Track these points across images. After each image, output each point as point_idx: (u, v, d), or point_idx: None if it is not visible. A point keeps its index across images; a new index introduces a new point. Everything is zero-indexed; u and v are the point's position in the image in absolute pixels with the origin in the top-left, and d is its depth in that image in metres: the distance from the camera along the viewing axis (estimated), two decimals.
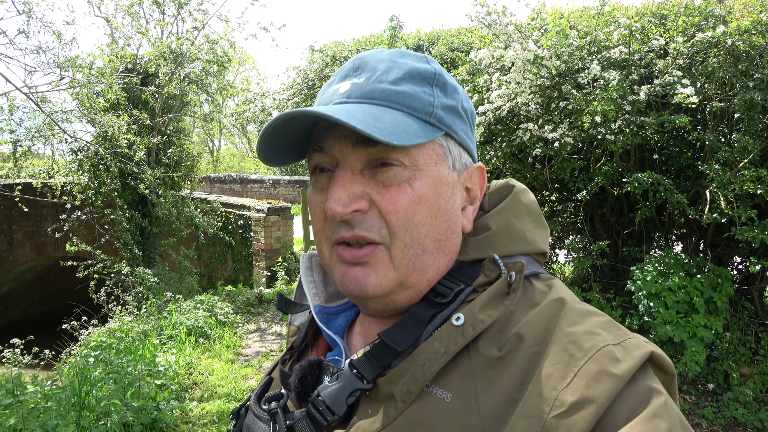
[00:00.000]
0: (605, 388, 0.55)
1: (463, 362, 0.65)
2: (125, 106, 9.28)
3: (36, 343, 6.61)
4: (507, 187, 0.84)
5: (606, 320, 0.65)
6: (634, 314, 5.75)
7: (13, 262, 12.65)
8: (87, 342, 6.73)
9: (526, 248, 0.78)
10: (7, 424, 3.70)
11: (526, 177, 6.29)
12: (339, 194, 0.68)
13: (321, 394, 0.68)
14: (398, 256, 0.70)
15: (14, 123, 8.69)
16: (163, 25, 10.16)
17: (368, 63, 0.74)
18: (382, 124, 0.64)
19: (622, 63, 5.37)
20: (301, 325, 0.92)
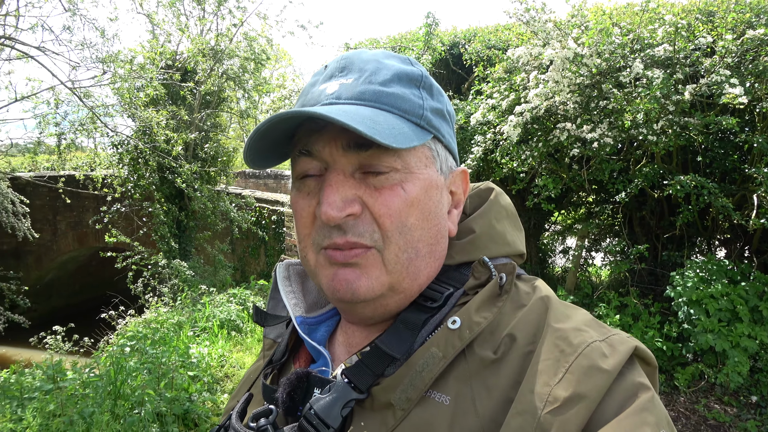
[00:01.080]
0: (596, 384, 0.57)
1: (460, 365, 0.64)
2: (164, 101, 9.48)
3: (76, 331, 6.84)
4: (487, 190, 0.85)
5: (589, 318, 0.67)
6: (673, 321, 5.57)
7: (57, 251, 13.09)
8: (124, 332, 6.91)
9: (508, 250, 0.78)
10: (47, 409, 3.82)
11: (563, 177, 6.15)
12: (333, 198, 0.66)
13: (314, 407, 0.65)
14: (392, 260, 0.68)
15: (59, 116, 8.99)
16: (203, 23, 10.34)
17: (354, 63, 0.72)
18: (379, 126, 0.63)
19: (666, 61, 5.19)
20: (277, 338, 0.88)
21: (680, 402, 5.17)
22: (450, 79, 8.88)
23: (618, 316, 5.77)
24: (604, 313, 5.88)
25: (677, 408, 5.07)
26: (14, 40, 7.03)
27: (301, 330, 0.78)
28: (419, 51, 7.85)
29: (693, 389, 5.30)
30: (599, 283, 8.08)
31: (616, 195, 5.69)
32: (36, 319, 9.79)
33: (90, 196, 10.89)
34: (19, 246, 12.51)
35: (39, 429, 3.60)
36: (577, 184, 6.28)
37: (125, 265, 9.21)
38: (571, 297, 6.45)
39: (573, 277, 7.22)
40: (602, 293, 6.71)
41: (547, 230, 9.09)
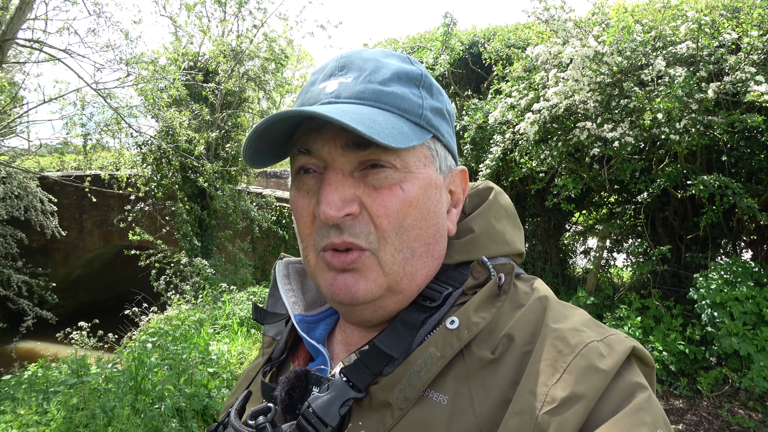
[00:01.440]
0: (594, 384, 0.57)
1: (458, 365, 0.64)
2: (187, 102, 9.62)
3: (101, 327, 6.99)
4: (486, 189, 0.84)
5: (587, 318, 0.67)
6: (696, 324, 5.46)
7: (83, 249, 13.38)
8: (146, 328, 7.03)
9: (507, 249, 0.78)
10: (71, 403, 3.92)
11: (583, 177, 6.08)
12: (332, 197, 0.66)
13: (312, 405, 0.65)
14: (388, 260, 0.68)
15: (85, 117, 9.19)
16: (224, 24, 10.47)
17: (354, 62, 0.72)
18: (379, 126, 0.63)
19: (689, 59, 5.09)
20: (276, 336, 0.89)
21: (703, 406, 5.07)
22: (469, 78, 8.84)
23: (639, 318, 5.69)
24: (625, 315, 5.80)
25: (699, 412, 4.98)
26: (42, 44, 7.20)
27: (300, 328, 0.79)
28: (437, 51, 7.83)
29: (716, 393, 5.20)
30: (621, 285, 7.96)
31: (638, 195, 5.61)
32: (63, 314, 10.05)
33: (115, 195, 11.11)
34: (48, 243, 12.82)
35: (62, 422, 3.69)
36: (598, 184, 6.20)
37: (148, 263, 9.38)
38: (592, 299, 6.37)
39: (594, 279, 7.13)
40: (623, 295, 6.62)
41: (567, 231, 8.99)
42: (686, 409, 5.06)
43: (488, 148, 6.67)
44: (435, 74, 7.69)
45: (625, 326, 5.61)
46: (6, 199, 10.63)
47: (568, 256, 8.78)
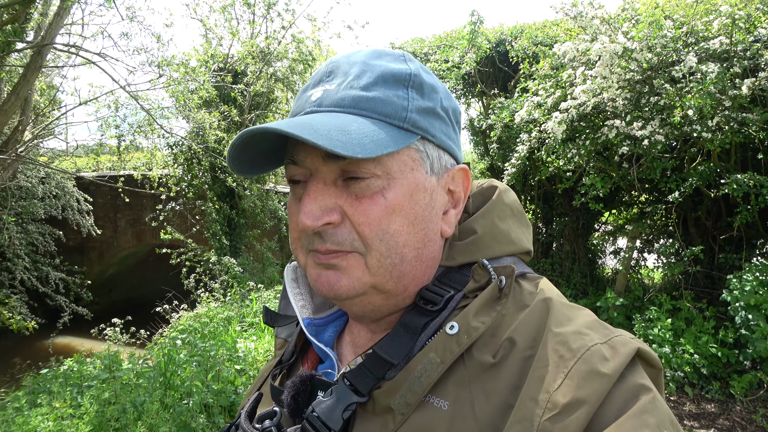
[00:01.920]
0: (596, 388, 0.56)
1: (459, 369, 0.64)
2: (216, 103, 9.79)
3: (134, 323, 7.18)
4: (490, 188, 0.82)
5: (592, 319, 0.66)
6: (729, 327, 5.31)
7: (117, 247, 13.74)
8: (176, 325, 7.19)
9: (512, 249, 0.77)
10: (102, 397, 4.04)
11: (612, 176, 5.97)
12: (310, 207, 0.67)
13: (316, 410, 0.66)
14: (374, 264, 0.68)
15: (119, 119, 9.45)
16: (253, 26, 10.61)
17: (340, 67, 0.71)
18: (348, 137, 0.62)
19: (722, 54, 4.95)
20: (288, 338, 0.90)
21: (736, 411, 4.93)
22: (496, 76, 8.77)
23: (670, 320, 5.56)
24: (655, 316, 5.67)
25: (732, 417, 4.85)
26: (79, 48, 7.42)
27: (309, 332, 0.80)
28: (464, 49, 7.79)
29: (750, 398, 5.05)
30: (651, 286, 7.79)
31: (670, 194, 5.48)
32: (98, 311, 10.32)
33: (147, 195, 11.38)
34: (84, 242, 13.21)
35: (95, 415, 3.81)
36: (627, 183, 6.08)
37: (179, 261, 9.58)
38: (621, 300, 6.25)
39: (623, 279, 7.00)
40: (654, 296, 6.48)
41: (596, 230, 8.84)
42: (718, 414, 4.93)
43: (514, 147, 6.61)
44: (461, 73, 7.66)
45: (655, 328, 5.49)
46: (45, 199, 11.00)
47: (597, 257, 8.63)
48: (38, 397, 4.26)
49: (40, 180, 10.94)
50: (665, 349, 5.23)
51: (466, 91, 9.28)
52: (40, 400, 4.13)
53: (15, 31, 6.79)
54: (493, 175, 9.08)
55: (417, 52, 8.87)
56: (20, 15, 6.48)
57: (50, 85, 10.48)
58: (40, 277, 10.64)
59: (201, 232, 10.42)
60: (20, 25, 6.96)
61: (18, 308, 9.04)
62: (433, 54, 8.54)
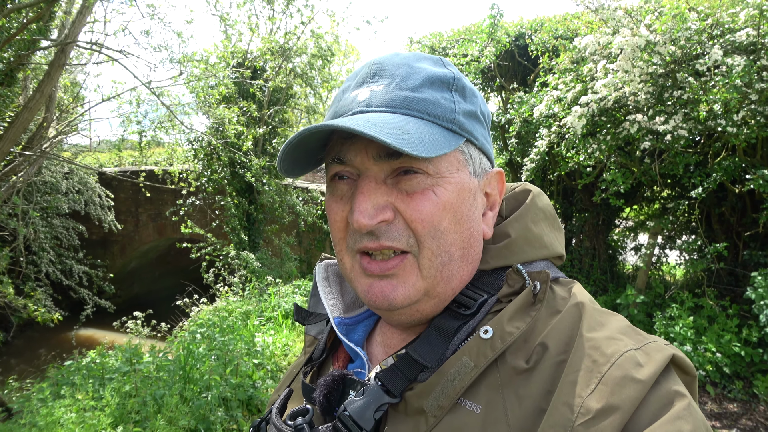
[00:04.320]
0: (630, 394, 0.56)
1: (492, 373, 0.64)
2: (235, 98, 9.85)
3: (155, 317, 7.29)
4: (524, 192, 0.83)
5: (625, 325, 0.66)
6: (753, 325, 5.21)
7: (139, 241, 13.97)
8: (196, 319, 7.28)
9: (545, 253, 0.77)
10: (123, 389, 4.12)
11: (633, 172, 5.87)
12: (365, 205, 0.67)
13: (348, 409, 0.67)
14: (426, 264, 0.68)
15: (140, 115, 9.56)
16: (273, 21, 10.64)
17: (386, 69, 0.72)
18: (409, 136, 0.62)
19: (749, 47, 4.83)
20: (317, 335, 0.90)
21: (759, 411, 4.84)
22: (515, 70, 8.68)
23: (691, 317, 5.46)
24: (677, 314, 5.58)
25: (756, 417, 4.75)
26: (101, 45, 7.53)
27: (339, 331, 0.80)
28: (483, 43, 7.72)
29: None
30: (673, 283, 7.67)
31: (693, 190, 5.37)
32: (120, 304, 10.51)
33: (168, 190, 11.51)
34: (106, 236, 13.44)
35: (116, 407, 3.88)
36: (649, 179, 5.98)
37: (199, 256, 9.69)
38: (642, 297, 6.16)
39: (644, 276, 6.89)
40: (675, 293, 6.37)
41: (617, 226, 8.72)
42: (741, 414, 4.84)
43: (533, 142, 6.54)
44: (480, 66, 7.59)
45: (677, 326, 5.40)
46: (68, 194, 11.20)
47: (617, 253, 8.51)
48: (62, 389, 4.36)
49: (64, 175, 11.14)
50: (687, 348, 5.14)
51: (485, 86, 9.20)
52: (63, 392, 4.23)
53: (40, 30, 6.91)
54: (512, 170, 9.01)
55: (435, 47, 8.81)
56: (44, 13, 6.60)
57: (74, 82, 10.65)
58: (64, 270, 10.85)
59: (220, 226, 10.52)
60: (45, 24, 7.08)
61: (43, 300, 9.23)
62: (452, 48, 8.48)
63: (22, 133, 6.50)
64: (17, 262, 9.04)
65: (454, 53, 8.12)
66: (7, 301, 7.92)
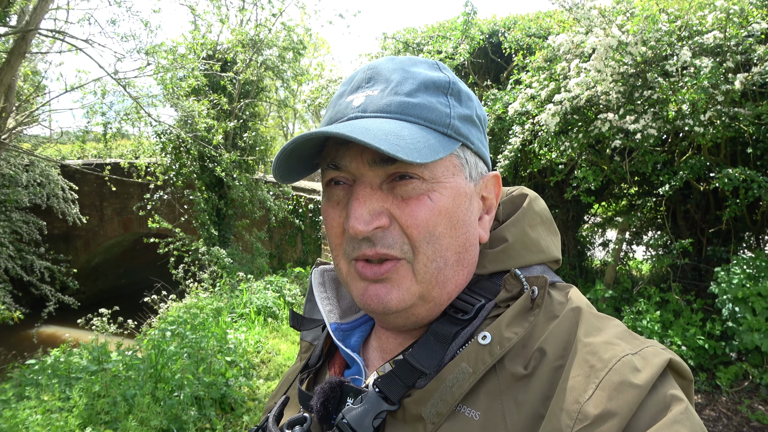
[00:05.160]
0: (628, 400, 0.56)
1: (490, 380, 0.64)
2: (205, 91, 9.66)
3: (121, 313, 7.11)
4: (520, 196, 0.83)
5: (622, 329, 0.66)
6: (716, 319, 5.39)
7: (104, 236, 13.60)
8: (165, 316, 7.13)
9: (542, 257, 0.77)
10: (92, 390, 4.00)
11: (604, 169, 5.99)
12: (360, 211, 0.66)
13: (346, 417, 0.66)
14: (421, 270, 0.68)
15: (105, 106, 9.29)
16: (243, 13, 10.46)
17: (381, 73, 0.72)
18: (404, 141, 0.62)
19: (716, 49, 4.97)
20: (313, 341, 0.90)
21: (722, 402, 5.01)
22: (489, 68, 8.74)
23: (658, 312, 5.62)
24: (644, 308, 5.73)
25: (718, 408, 4.92)
26: (64, 34, 7.27)
27: (336, 336, 0.80)
28: (457, 40, 7.75)
29: (736, 389, 5.13)
30: (640, 278, 7.87)
31: (660, 187, 5.52)
32: (84, 300, 10.24)
33: (134, 184, 11.25)
34: (69, 230, 13.05)
35: (84, 408, 3.77)
36: (619, 176, 6.12)
37: (167, 251, 9.49)
38: (610, 292, 6.30)
39: (612, 271, 7.06)
40: (642, 288, 6.54)
41: (586, 222, 8.90)
42: (705, 405, 5.00)
43: (507, 139, 6.61)
44: (454, 64, 7.62)
45: (644, 320, 5.55)
46: (29, 187, 10.82)
47: (586, 248, 8.69)
48: (25, 390, 4.20)
49: (24, 168, 10.76)
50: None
51: None
52: (27, 393, 4.08)
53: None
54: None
55: (410, 42, 8.81)
56: None
57: (35, 71, 10.27)
58: (25, 266, 10.50)
59: (189, 221, 10.32)
60: (3, 9, 6.79)
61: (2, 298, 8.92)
62: (426, 44, 8.48)
63: None
64: None
65: (428, 50, 8.13)
66: None
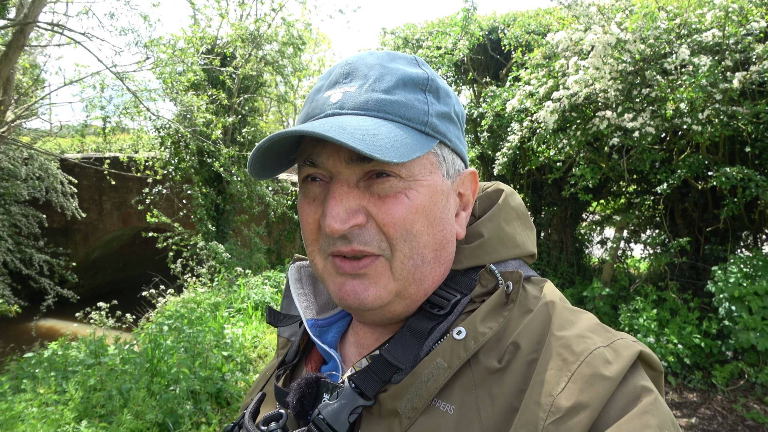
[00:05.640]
0: (599, 391, 0.57)
1: (465, 374, 0.64)
2: (204, 86, 9.64)
3: (119, 307, 7.11)
4: (496, 192, 0.84)
5: (594, 323, 0.67)
6: (712, 318, 5.39)
7: (102, 230, 13.59)
8: (163, 310, 7.14)
9: (518, 252, 0.78)
10: (88, 383, 4.00)
11: (602, 167, 5.99)
12: (336, 210, 0.66)
13: (322, 413, 0.66)
14: (398, 267, 0.68)
15: (104, 100, 9.28)
16: (243, 7, 10.42)
17: (359, 69, 0.71)
18: (380, 141, 0.62)
19: (714, 47, 4.96)
20: (290, 337, 0.89)
21: (717, 400, 5.02)
22: (488, 64, 8.73)
23: (655, 310, 5.63)
24: (641, 306, 5.74)
25: (714, 406, 4.94)
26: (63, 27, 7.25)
27: (312, 332, 0.80)
28: (456, 36, 7.73)
29: (731, 388, 5.14)
30: (637, 276, 7.88)
31: (658, 186, 5.52)
32: (83, 294, 10.24)
33: (133, 178, 11.23)
34: (68, 224, 13.05)
35: (80, 402, 3.78)
36: (617, 174, 6.11)
37: (165, 246, 9.48)
38: (607, 289, 6.31)
39: (609, 269, 7.06)
40: (639, 286, 6.55)
41: (584, 220, 8.90)
42: (700, 403, 5.02)
43: (505, 136, 6.60)
44: (453, 59, 7.61)
45: (641, 318, 5.56)
46: (28, 180, 10.81)
47: (584, 246, 8.70)
48: (22, 383, 4.21)
49: (23, 161, 10.74)
50: (650, 339, 5.30)
51: (457, 79, 9.24)
52: (23, 386, 4.08)
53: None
54: (483, 164, 9.09)
55: (409, 38, 8.79)
56: None
57: (33, 64, 10.25)
58: (24, 259, 10.49)
59: (188, 216, 10.32)
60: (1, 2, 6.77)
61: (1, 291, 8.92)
62: (426, 40, 8.46)
63: None
64: None
65: (427, 45, 8.11)
66: None
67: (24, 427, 3.44)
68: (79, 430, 3.42)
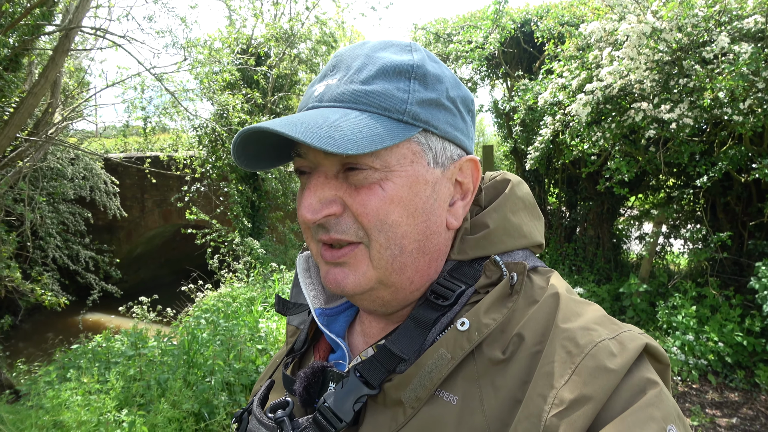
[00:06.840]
0: (603, 384, 0.57)
1: (468, 365, 0.65)
2: (239, 85, 9.82)
3: (160, 302, 7.35)
4: (503, 181, 0.82)
5: (600, 314, 0.66)
6: (756, 315, 5.20)
7: (145, 227, 14.03)
8: (201, 304, 7.33)
9: (524, 242, 0.77)
10: (128, 373, 4.17)
11: (638, 160, 5.84)
12: (309, 200, 0.68)
13: (327, 401, 0.68)
14: (376, 256, 0.69)
15: (145, 101, 9.57)
16: (277, 7, 10.57)
17: (344, 61, 0.72)
18: (339, 133, 0.62)
19: (757, 34, 4.77)
20: (299, 326, 0.91)
21: (761, 401, 4.85)
22: (521, 57, 8.61)
23: (694, 307, 5.46)
24: (679, 303, 5.58)
25: (757, 407, 4.77)
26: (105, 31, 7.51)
27: (320, 321, 0.81)
28: (487, 29, 7.65)
29: None
30: (676, 272, 7.65)
31: (698, 179, 5.35)
32: (126, 289, 10.60)
33: (173, 176, 11.53)
34: (112, 222, 13.51)
35: (121, 391, 3.94)
36: (654, 168, 5.95)
37: (204, 242, 9.73)
38: (645, 286, 6.15)
39: (648, 265, 6.88)
40: (679, 283, 6.37)
41: (622, 215, 8.69)
42: (742, 403, 4.85)
43: (538, 130, 6.51)
44: (484, 53, 7.53)
45: (679, 315, 5.41)
46: (74, 180, 11.25)
47: (621, 242, 8.49)
48: (68, 372, 4.42)
49: (70, 161, 11.18)
50: (689, 337, 5.15)
51: (490, 73, 9.14)
52: (69, 375, 4.28)
53: (43, 15, 6.90)
54: (516, 158, 8.98)
55: (440, 33, 8.74)
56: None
57: (78, 67, 10.65)
58: (71, 255, 10.93)
59: (225, 213, 10.56)
60: (48, 9, 7.07)
61: (50, 285, 9.32)
62: (457, 34, 8.41)
63: (27, 118, 6.51)
64: (24, 246, 9.11)
65: (458, 39, 8.06)
66: (15, 286, 8.00)
67: (69, 413, 3.61)
68: (119, 418, 3.57)
